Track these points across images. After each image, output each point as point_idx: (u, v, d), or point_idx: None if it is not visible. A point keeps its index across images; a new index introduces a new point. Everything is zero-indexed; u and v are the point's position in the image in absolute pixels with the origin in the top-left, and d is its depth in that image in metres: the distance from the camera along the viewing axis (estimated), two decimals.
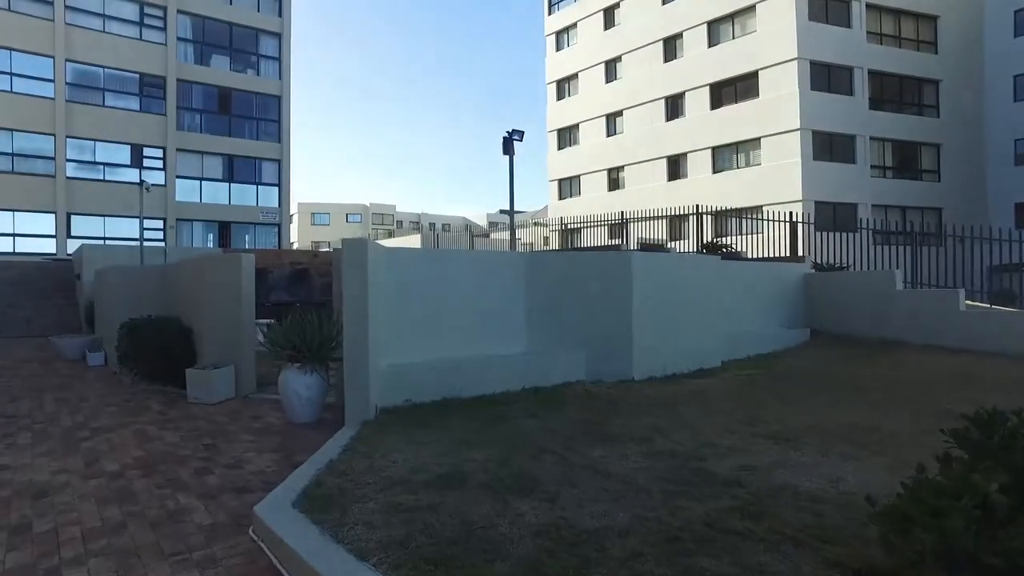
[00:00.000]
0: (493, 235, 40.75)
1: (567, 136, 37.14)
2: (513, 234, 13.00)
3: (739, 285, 11.13)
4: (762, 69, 26.48)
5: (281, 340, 5.91)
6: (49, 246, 24.13)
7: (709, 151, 28.85)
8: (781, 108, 25.71)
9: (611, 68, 34.11)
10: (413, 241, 31.99)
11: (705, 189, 28.01)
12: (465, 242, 33.98)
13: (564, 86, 37.38)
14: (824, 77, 25.78)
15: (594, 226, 25.26)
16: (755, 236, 19.03)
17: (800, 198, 24.81)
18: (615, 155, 33.75)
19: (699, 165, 29.46)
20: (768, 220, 17.58)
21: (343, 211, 63.05)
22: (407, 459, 4.38)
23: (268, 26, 29.20)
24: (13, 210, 23.61)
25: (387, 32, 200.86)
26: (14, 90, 23.77)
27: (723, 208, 22.35)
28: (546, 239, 33.40)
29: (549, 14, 38.12)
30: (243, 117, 28.46)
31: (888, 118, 26.66)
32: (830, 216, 23.24)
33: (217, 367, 7.03)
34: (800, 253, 17.24)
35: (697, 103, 29.39)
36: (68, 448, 5.14)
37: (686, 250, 19.28)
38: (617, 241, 25.97)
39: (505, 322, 7.76)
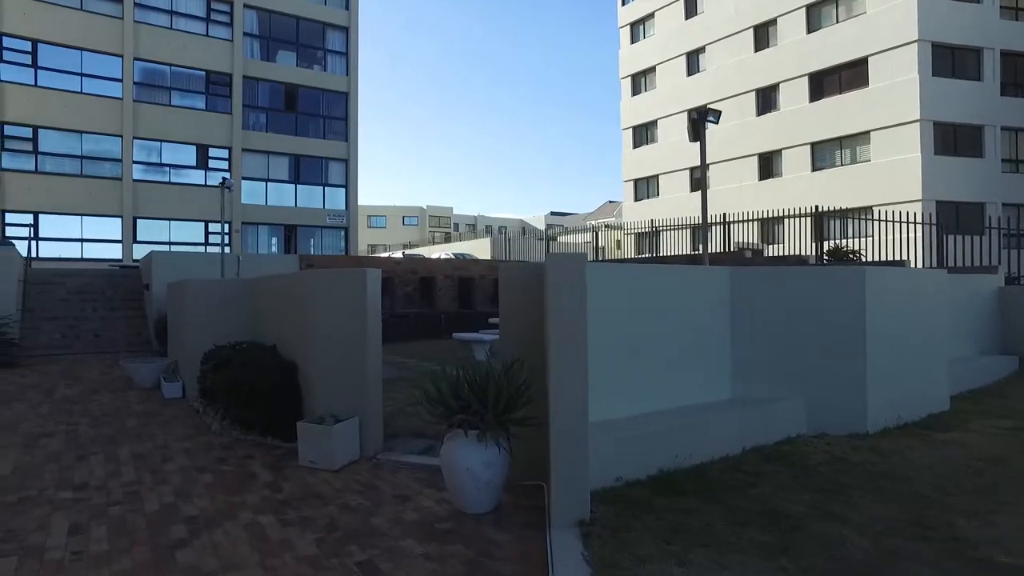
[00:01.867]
0: (561, 238, 39.08)
1: (643, 133, 34.98)
2: (706, 242, 11.05)
3: (935, 304, 8.99)
4: (872, 55, 23.86)
5: (449, 397, 4.12)
6: (115, 252, 23.33)
7: (807, 147, 26.31)
8: (896, 97, 23.05)
9: (693, 60, 31.82)
10: (482, 246, 30.32)
11: (802, 189, 25.54)
12: (534, 247, 32.14)
13: (640, 80, 35.23)
14: (948, 60, 23.01)
15: (675, 229, 23.23)
16: (863, 240, 16.73)
17: (919, 197, 22.13)
18: (698, 153, 31.43)
19: (795, 162, 26.93)
20: (910, 223, 15.21)
21: (400, 213, 61.95)
22: None
23: (335, 19, 27.98)
24: (81, 214, 22.87)
25: (440, 28, 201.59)
26: (84, 91, 23.06)
27: (839, 208, 19.94)
28: (618, 243, 31.52)
29: (623, 4, 36.03)
30: (309, 115, 27.28)
31: (1023, 105, 23.67)
32: (952, 217, 20.54)
33: (337, 419, 5.31)
34: (950, 263, 14.88)
35: (793, 95, 26.88)
36: (159, 563, 3.44)
37: (799, 255, 17.02)
38: (700, 249, 23.73)
39: (707, 359, 5.86)
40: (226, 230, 25.03)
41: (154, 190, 24.05)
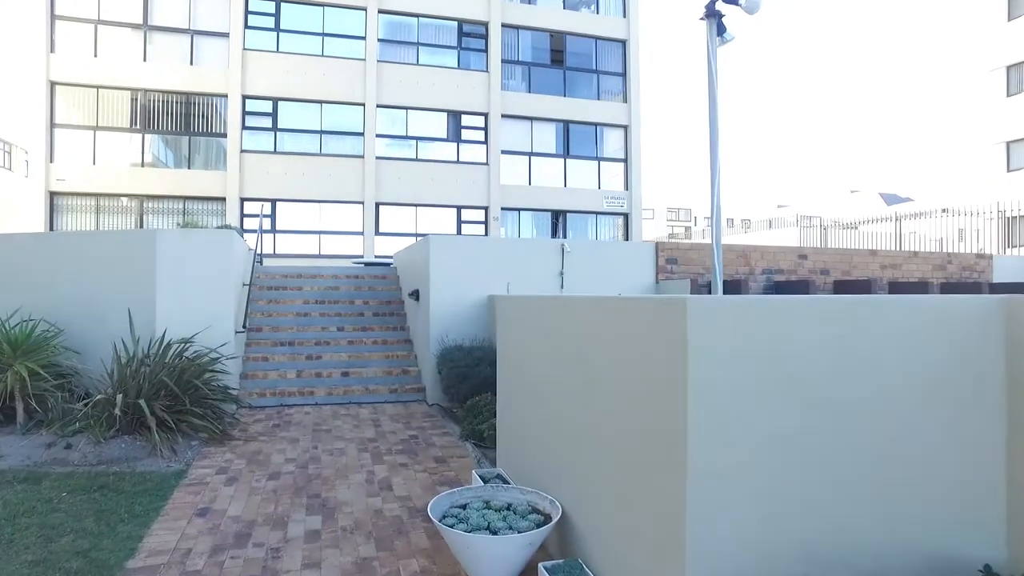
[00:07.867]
0: (862, 228, 30.29)
1: None
2: None
3: None
4: None
5: None
6: (355, 246, 19.33)
7: None
8: None
9: None
10: (785, 236, 22.77)
11: None
12: (849, 237, 23.74)
13: None
14: None
15: None
16: None
17: None
18: None
19: None
20: None
21: None
22: None
23: None
24: (320, 201, 19.17)
25: None
26: (325, 53, 19.37)
27: None
28: (960, 231, 22.19)
29: None
30: (578, 70, 21.31)
31: None
32: None
33: None
34: None
35: None
36: None
37: None
38: None
39: None
40: (481, 218, 19.92)
41: (399, 169, 19.69)
